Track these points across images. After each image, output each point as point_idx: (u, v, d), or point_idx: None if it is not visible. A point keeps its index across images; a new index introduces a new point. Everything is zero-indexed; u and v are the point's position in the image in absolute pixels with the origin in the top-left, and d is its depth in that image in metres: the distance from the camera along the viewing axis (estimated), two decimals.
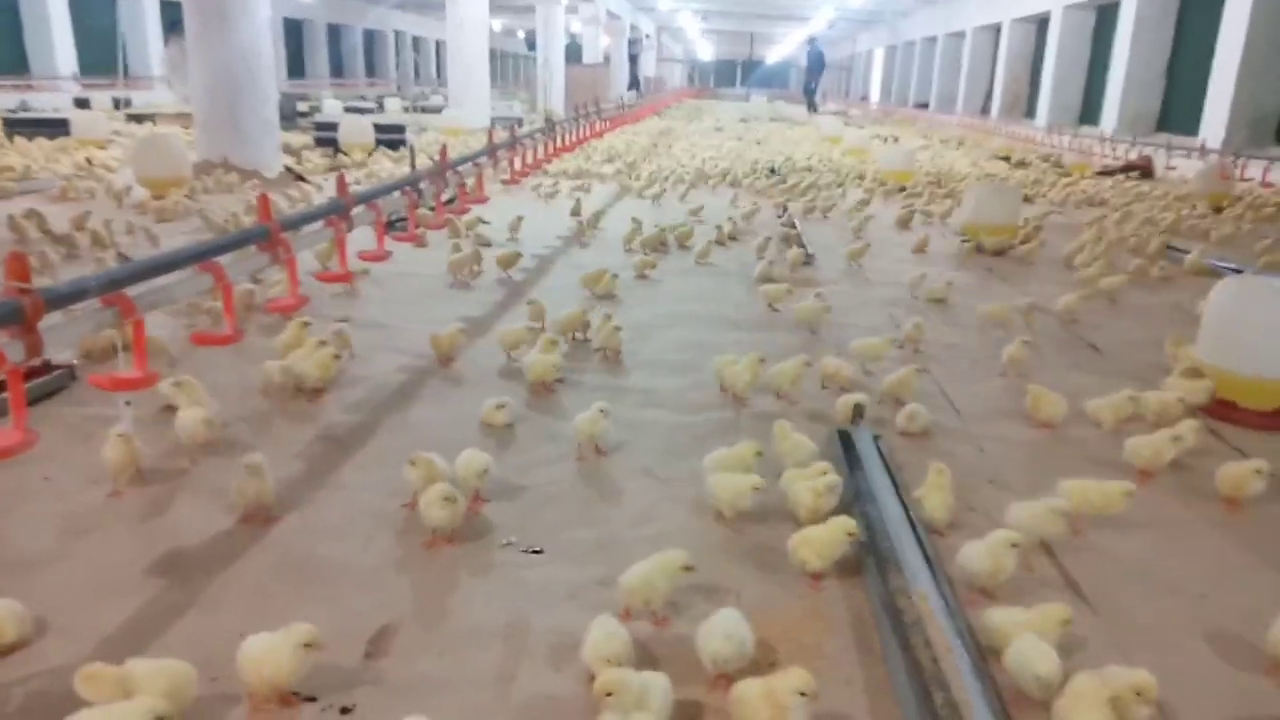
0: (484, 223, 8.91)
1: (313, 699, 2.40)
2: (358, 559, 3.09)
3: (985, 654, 2.55)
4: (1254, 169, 15.17)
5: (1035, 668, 2.37)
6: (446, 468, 3.37)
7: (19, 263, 3.00)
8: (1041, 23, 28.37)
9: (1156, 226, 10.15)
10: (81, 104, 21.46)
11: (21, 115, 18.02)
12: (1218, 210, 11.69)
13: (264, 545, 3.16)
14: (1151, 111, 21.85)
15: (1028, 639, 2.44)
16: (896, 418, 4.26)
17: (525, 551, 3.18)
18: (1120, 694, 2.25)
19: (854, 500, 3.38)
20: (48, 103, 21.14)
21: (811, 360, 4.69)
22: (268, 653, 2.32)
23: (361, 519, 3.36)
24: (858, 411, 4.18)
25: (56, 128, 16.17)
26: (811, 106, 37.09)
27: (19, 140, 15.25)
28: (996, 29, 31.77)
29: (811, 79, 38.50)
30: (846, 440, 4.00)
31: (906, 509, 3.32)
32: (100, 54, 28.73)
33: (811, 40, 39.16)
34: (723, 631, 2.44)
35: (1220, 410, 4.61)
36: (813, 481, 3.27)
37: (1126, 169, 16.54)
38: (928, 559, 2.99)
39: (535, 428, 4.27)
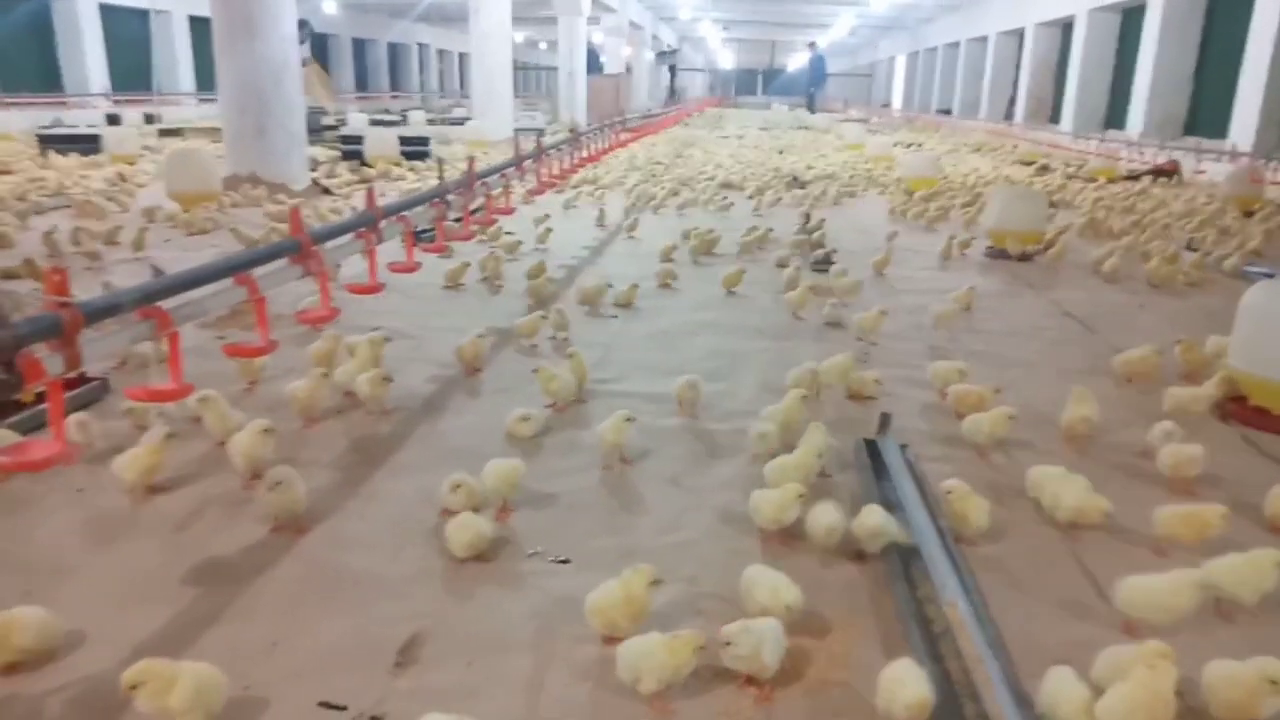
0: (509, 234, 8.96)
1: (343, 708, 2.42)
2: (387, 568, 3.12)
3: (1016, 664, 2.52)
4: None
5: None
6: (481, 489, 3.41)
7: (58, 277, 3.06)
8: (1066, 27, 28.13)
9: (1183, 230, 10.07)
10: (113, 120, 21.84)
11: (56, 131, 18.38)
12: (1248, 214, 11.52)
13: (295, 555, 3.19)
14: (1179, 115, 21.58)
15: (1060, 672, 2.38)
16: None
17: (552, 561, 3.19)
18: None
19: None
20: (80, 119, 21.51)
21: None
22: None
23: (391, 529, 3.39)
24: (884, 421, 4.16)
25: (89, 143, 16.46)
26: (811, 108, 42.59)
27: (54, 156, 15.55)
28: (1020, 34, 31.55)
29: (813, 85, 44.24)
30: (873, 450, 3.98)
31: (934, 517, 3.29)
32: (131, 70, 29.28)
33: (811, 44, 46.15)
34: (742, 628, 2.45)
35: (1254, 417, 4.55)
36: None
37: (1154, 173, 16.35)
38: (956, 567, 2.97)
39: (560, 436, 4.29)
